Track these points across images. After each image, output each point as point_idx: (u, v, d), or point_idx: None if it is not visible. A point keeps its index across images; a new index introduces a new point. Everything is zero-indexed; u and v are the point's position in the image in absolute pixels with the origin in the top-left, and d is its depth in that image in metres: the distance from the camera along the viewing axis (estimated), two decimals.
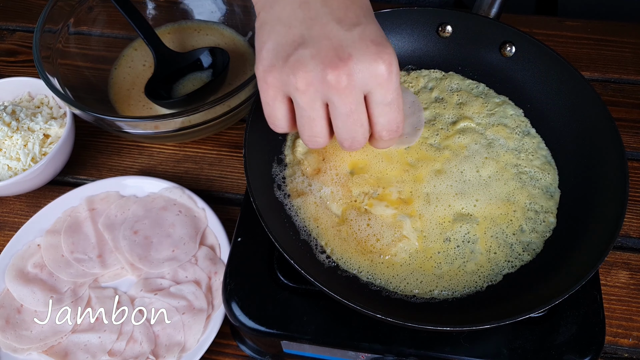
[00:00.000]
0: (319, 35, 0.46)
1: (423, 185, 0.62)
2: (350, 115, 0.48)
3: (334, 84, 0.45)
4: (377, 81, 0.46)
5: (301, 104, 0.48)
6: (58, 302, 0.69)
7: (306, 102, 0.47)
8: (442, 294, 0.57)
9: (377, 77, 0.46)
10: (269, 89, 0.49)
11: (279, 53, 0.47)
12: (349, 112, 0.47)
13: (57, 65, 0.81)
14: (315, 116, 0.48)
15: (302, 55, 0.46)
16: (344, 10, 0.47)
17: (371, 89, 0.47)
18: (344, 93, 0.46)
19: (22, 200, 0.82)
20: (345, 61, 0.45)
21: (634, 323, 0.69)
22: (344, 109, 0.47)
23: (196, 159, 0.85)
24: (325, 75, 0.45)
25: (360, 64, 0.45)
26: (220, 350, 0.69)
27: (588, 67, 0.93)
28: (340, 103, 0.47)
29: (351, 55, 0.45)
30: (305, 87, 0.46)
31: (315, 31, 0.46)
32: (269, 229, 0.53)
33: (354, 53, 0.45)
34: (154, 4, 0.94)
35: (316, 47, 0.46)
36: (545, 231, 0.61)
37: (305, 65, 0.46)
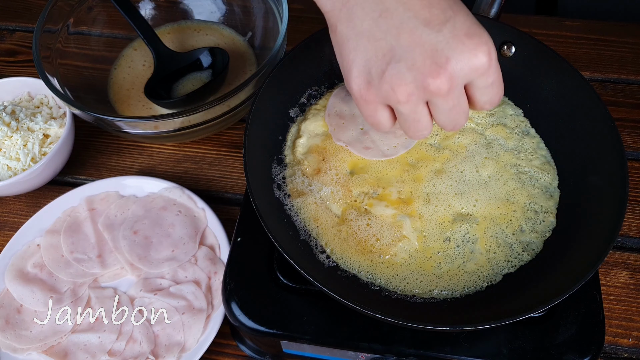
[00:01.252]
0: (409, 44, 0.44)
1: (423, 185, 0.62)
2: (453, 109, 0.47)
3: (436, 91, 0.45)
4: (478, 72, 0.45)
5: (404, 112, 0.48)
6: (58, 302, 0.69)
7: (409, 110, 0.47)
8: (441, 294, 0.57)
9: (478, 69, 0.45)
10: (369, 105, 0.49)
11: (372, 70, 0.46)
12: (452, 107, 0.47)
13: (57, 65, 0.81)
14: (420, 117, 0.48)
15: (398, 69, 0.45)
16: (428, 9, 0.44)
17: (472, 80, 0.46)
18: (447, 95, 0.46)
19: (22, 200, 0.82)
20: (444, 66, 0.44)
21: (633, 323, 0.69)
22: (447, 106, 0.47)
23: (196, 159, 0.85)
24: (427, 85, 0.44)
25: (459, 64, 0.44)
26: (220, 350, 0.69)
27: (588, 67, 0.93)
28: (442, 103, 0.46)
29: (449, 58, 0.44)
30: (406, 99, 0.46)
31: (404, 40, 0.44)
32: (268, 229, 0.53)
33: (451, 54, 0.44)
34: (153, 4, 0.94)
35: (410, 57, 0.44)
36: (545, 231, 0.61)
37: (404, 79, 0.45)
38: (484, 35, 0.45)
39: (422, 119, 0.48)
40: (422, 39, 0.44)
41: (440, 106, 0.47)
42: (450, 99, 0.46)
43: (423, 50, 0.44)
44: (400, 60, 0.45)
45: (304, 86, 0.70)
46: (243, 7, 0.93)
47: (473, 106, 0.49)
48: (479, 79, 0.46)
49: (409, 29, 0.44)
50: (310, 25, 0.89)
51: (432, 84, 0.44)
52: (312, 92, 0.71)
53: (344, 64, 0.48)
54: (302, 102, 0.70)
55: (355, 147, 0.65)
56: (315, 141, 0.66)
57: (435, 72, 0.44)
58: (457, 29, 0.44)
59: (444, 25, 0.44)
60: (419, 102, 0.47)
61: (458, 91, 0.46)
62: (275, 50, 0.75)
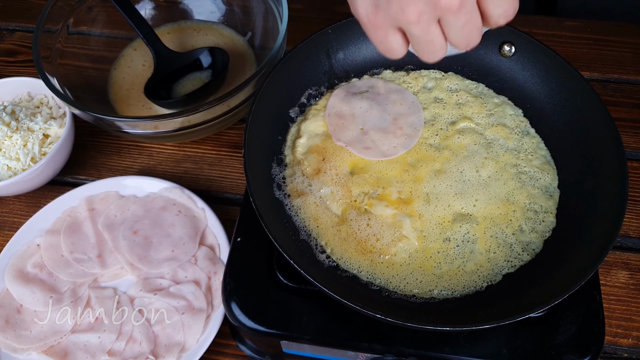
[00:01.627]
0: None
1: (423, 185, 0.62)
2: (466, 24, 0.46)
3: (447, 6, 0.44)
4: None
5: (416, 33, 0.46)
6: (58, 302, 0.69)
7: (421, 30, 0.46)
8: (441, 294, 0.57)
9: None
10: (379, 30, 0.47)
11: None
12: (465, 23, 0.46)
13: (57, 65, 0.81)
14: (433, 37, 0.47)
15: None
16: None
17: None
18: (458, 11, 0.44)
19: (22, 200, 0.82)
20: None
21: (633, 323, 0.69)
22: (460, 23, 0.45)
23: (196, 159, 0.85)
24: (437, 2, 0.43)
25: None
26: (220, 350, 0.69)
27: (588, 67, 0.93)
28: (455, 20, 0.45)
29: None
30: (417, 18, 0.45)
31: None
32: (268, 229, 0.53)
33: None
34: (153, 4, 0.94)
35: None
36: (545, 231, 0.61)
37: None
38: None
39: (436, 40, 0.47)
40: None
41: (453, 23, 0.46)
42: (463, 14, 0.45)
43: None
44: None
45: (304, 86, 0.70)
46: (243, 7, 0.93)
47: (487, 22, 0.48)
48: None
49: None
50: (310, 25, 0.89)
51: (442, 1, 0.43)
52: (312, 92, 0.71)
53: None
54: (302, 102, 0.70)
55: (355, 147, 0.65)
56: (315, 141, 0.66)
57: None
58: None
59: None
60: (430, 22, 0.46)
61: (470, 6, 0.45)
62: (275, 50, 0.75)
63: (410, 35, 0.47)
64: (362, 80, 0.72)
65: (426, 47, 0.48)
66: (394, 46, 0.49)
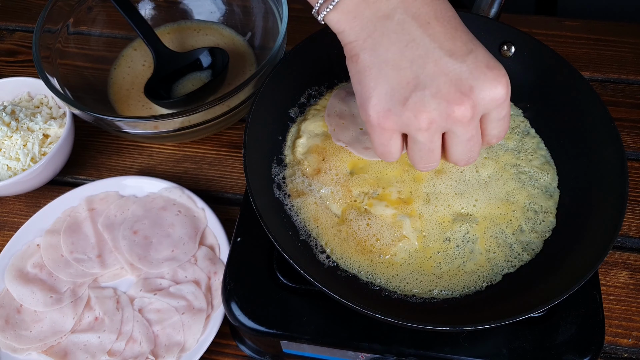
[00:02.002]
0: (434, 73, 0.46)
1: (423, 185, 0.62)
2: (471, 139, 0.49)
3: (460, 118, 0.46)
4: (496, 103, 0.47)
5: (421, 140, 0.48)
6: (57, 302, 0.69)
7: (427, 138, 0.48)
8: (441, 294, 0.57)
9: (497, 100, 0.47)
10: (385, 133, 0.49)
11: (394, 97, 0.47)
12: (470, 138, 0.48)
13: (57, 65, 0.81)
14: (434, 147, 0.49)
15: (422, 96, 0.46)
16: (452, 42, 0.46)
17: (489, 111, 0.48)
18: (469, 123, 0.47)
19: (22, 200, 0.82)
20: (468, 94, 0.45)
21: (633, 323, 0.69)
22: (466, 137, 0.48)
23: (196, 159, 0.85)
24: (451, 112, 0.46)
25: (482, 93, 0.46)
26: (220, 350, 0.69)
27: (588, 67, 0.93)
28: (462, 132, 0.48)
29: (472, 87, 0.45)
30: (427, 126, 0.47)
31: (429, 69, 0.46)
32: (268, 229, 0.53)
33: (474, 84, 0.45)
34: (153, 4, 0.94)
35: (435, 85, 0.45)
36: (545, 231, 0.61)
37: (427, 106, 0.46)
38: (502, 68, 0.47)
39: (436, 151, 0.50)
40: (447, 68, 0.45)
41: (460, 135, 0.48)
42: (471, 128, 0.47)
43: (448, 79, 0.45)
44: (425, 88, 0.46)
45: (304, 86, 0.70)
46: (243, 7, 0.93)
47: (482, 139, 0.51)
48: (495, 111, 0.48)
49: (434, 59, 0.46)
50: (310, 25, 0.89)
51: (456, 111, 0.46)
52: (312, 92, 0.71)
53: (363, 91, 0.49)
54: (302, 102, 0.70)
55: (355, 148, 0.65)
56: (315, 141, 0.66)
57: (459, 99, 0.45)
58: (479, 60, 0.46)
59: (467, 57, 0.46)
60: (437, 131, 0.48)
61: (477, 121, 0.48)
62: (275, 50, 0.75)
63: (413, 142, 0.49)
64: None
65: (426, 155, 0.50)
66: (392, 151, 0.51)
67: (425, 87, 0.46)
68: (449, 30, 0.46)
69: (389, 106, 0.47)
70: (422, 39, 0.46)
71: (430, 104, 0.46)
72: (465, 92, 0.45)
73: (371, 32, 0.47)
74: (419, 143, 0.49)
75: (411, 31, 0.46)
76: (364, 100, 0.49)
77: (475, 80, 0.45)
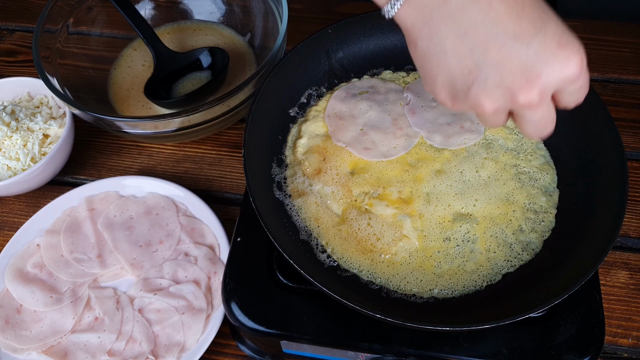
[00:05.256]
0: (497, 61, 0.43)
1: (423, 185, 0.62)
2: (542, 119, 0.46)
3: (526, 104, 0.44)
4: (570, 80, 0.44)
5: (486, 120, 0.48)
6: (57, 302, 0.69)
7: (492, 120, 0.47)
8: (441, 293, 0.57)
9: (570, 77, 0.43)
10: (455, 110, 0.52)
11: (457, 86, 0.45)
12: (540, 118, 0.46)
13: (57, 65, 0.81)
14: (502, 121, 0.48)
15: (485, 86, 0.44)
16: (517, 23, 0.42)
17: (563, 87, 0.45)
18: (536, 108, 0.45)
19: (22, 200, 0.82)
20: (535, 81, 0.43)
21: (633, 323, 0.69)
22: (536, 117, 0.46)
23: (195, 159, 0.85)
24: (516, 100, 0.44)
25: (551, 76, 0.43)
26: (220, 350, 0.68)
27: (588, 66, 0.93)
28: (531, 114, 0.46)
29: (540, 73, 0.42)
30: (492, 112, 0.45)
31: (492, 56, 0.43)
32: (268, 229, 0.53)
33: (542, 69, 0.42)
34: (153, 4, 0.94)
35: (498, 74, 0.43)
36: (545, 231, 0.61)
37: (491, 95, 0.44)
38: (575, 43, 0.43)
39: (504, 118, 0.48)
40: (512, 55, 0.42)
41: (529, 117, 0.46)
42: (540, 110, 0.45)
43: (512, 67, 0.43)
44: (488, 77, 0.43)
45: (304, 86, 0.70)
46: (243, 7, 0.93)
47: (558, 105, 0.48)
48: (569, 86, 0.45)
49: (497, 45, 0.42)
50: (310, 25, 0.89)
51: (522, 99, 0.43)
52: (312, 92, 0.71)
53: (427, 78, 0.47)
54: (302, 102, 0.70)
55: (355, 148, 0.65)
56: (315, 141, 0.66)
57: (525, 88, 0.43)
58: (548, 39, 0.42)
59: (535, 38, 0.42)
60: (503, 114, 0.47)
61: (548, 101, 0.45)
62: (275, 50, 0.75)
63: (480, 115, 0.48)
64: (362, 81, 0.72)
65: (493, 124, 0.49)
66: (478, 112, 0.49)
67: (487, 76, 0.43)
68: (514, 9, 0.42)
69: (454, 93, 0.46)
70: (483, 24, 0.42)
71: (494, 93, 0.44)
72: (531, 78, 0.42)
73: (427, 20, 0.44)
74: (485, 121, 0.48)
75: (471, 16, 0.42)
76: (430, 85, 0.48)
77: (543, 65, 0.42)
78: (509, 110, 0.46)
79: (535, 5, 0.43)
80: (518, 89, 0.43)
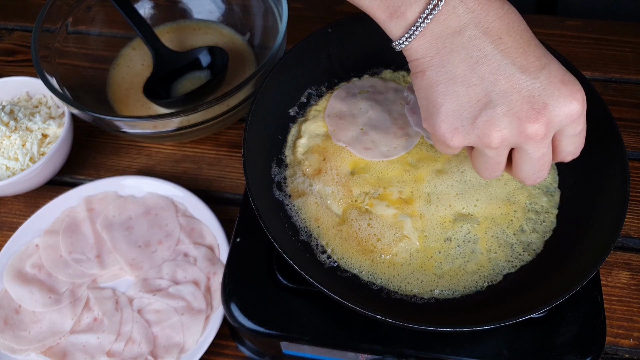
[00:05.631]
0: (506, 90, 0.44)
1: (424, 185, 0.62)
2: (542, 157, 0.47)
3: (533, 136, 0.45)
4: (571, 119, 0.45)
5: (489, 155, 0.48)
6: (56, 302, 0.69)
7: (495, 154, 0.47)
8: (442, 294, 0.57)
9: (572, 115, 0.45)
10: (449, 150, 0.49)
11: (463, 115, 0.46)
12: (541, 155, 0.47)
13: (56, 64, 0.81)
14: (501, 161, 0.48)
15: (493, 114, 0.45)
16: (524, 57, 0.45)
17: (564, 127, 0.46)
18: (541, 141, 0.45)
19: (21, 201, 0.82)
20: (542, 111, 0.44)
21: (634, 324, 0.69)
22: (537, 154, 0.47)
23: (195, 159, 0.85)
24: (524, 130, 0.44)
25: (556, 110, 0.44)
26: (219, 351, 0.68)
27: (589, 66, 0.93)
28: (534, 150, 0.46)
29: (546, 104, 0.44)
30: (498, 145, 0.46)
31: (500, 86, 0.44)
32: (268, 229, 0.53)
33: (548, 100, 0.44)
34: (152, 3, 0.94)
35: (507, 103, 0.44)
36: (546, 231, 0.60)
37: (498, 124, 0.45)
38: (577, 83, 0.45)
39: (502, 163, 0.49)
40: (520, 85, 0.44)
41: (531, 153, 0.47)
42: (543, 145, 0.46)
43: (520, 96, 0.44)
44: (497, 105, 0.44)
45: (304, 85, 0.70)
46: (242, 6, 0.93)
47: (555, 156, 0.50)
48: (570, 127, 0.46)
49: (506, 75, 0.44)
50: (309, 24, 0.89)
51: (529, 129, 0.44)
52: (312, 91, 0.70)
53: (430, 107, 0.47)
54: (302, 101, 0.70)
55: (355, 148, 0.64)
56: (315, 141, 0.66)
57: (533, 117, 0.44)
58: (552, 75, 0.45)
59: (541, 72, 0.44)
60: (507, 148, 0.47)
61: (549, 139, 0.46)
62: (274, 50, 0.75)
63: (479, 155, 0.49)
64: (362, 80, 0.72)
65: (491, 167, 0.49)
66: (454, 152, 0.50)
67: (496, 104, 0.44)
68: (522, 45, 0.45)
69: (457, 124, 0.46)
70: (493, 55, 0.44)
71: (501, 122, 0.45)
72: (538, 109, 0.44)
73: (439, 49, 0.45)
74: (486, 157, 0.48)
75: (482, 47, 0.44)
76: (431, 116, 0.48)
77: (549, 97, 0.44)
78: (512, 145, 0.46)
79: (539, 45, 0.46)
80: (526, 118, 0.44)
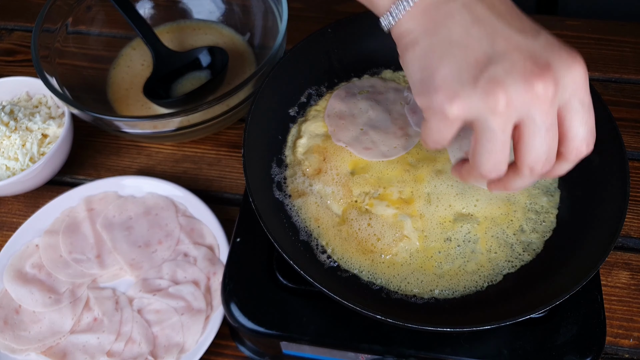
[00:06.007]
0: (506, 49, 0.41)
1: (424, 185, 0.62)
2: (550, 129, 0.42)
3: (542, 94, 0.40)
4: (577, 85, 0.42)
5: (494, 128, 0.42)
6: (56, 302, 0.69)
7: (500, 124, 0.41)
8: (442, 294, 0.57)
9: (578, 80, 0.42)
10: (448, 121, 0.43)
11: (462, 78, 0.42)
12: (550, 126, 0.42)
13: (56, 64, 0.81)
14: (506, 141, 0.43)
15: (495, 73, 0.41)
16: (520, 22, 0.43)
17: (570, 96, 0.42)
18: (550, 104, 0.41)
19: (21, 201, 0.82)
20: (547, 68, 0.40)
21: (634, 324, 0.69)
22: (546, 123, 0.42)
23: (195, 159, 0.85)
24: (531, 87, 0.40)
25: (561, 70, 0.41)
26: (219, 351, 0.68)
27: (589, 66, 0.91)
28: (543, 117, 0.41)
29: (549, 62, 0.41)
30: (504, 108, 0.41)
31: (500, 46, 0.41)
32: (268, 229, 0.53)
33: (551, 59, 0.41)
34: (152, 3, 0.94)
35: (508, 61, 0.41)
36: (546, 231, 0.60)
37: (502, 83, 0.40)
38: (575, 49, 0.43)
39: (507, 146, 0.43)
40: (520, 44, 0.41)
41: (538, 122, 0.41)
42: (551, 112, 0.42)
43: (521, 53, 0.41)
44: (498, 63, 0.41)
45: (304, 85, 0.70)
46: (242, 6, 0.93)
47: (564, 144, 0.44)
48: (577, 95, 0.42)
49: (504, 36, 0.42)
50: (310, 24, 0.89)
51: (537, 86, 0.40)
52: (311, 91, 0.70)
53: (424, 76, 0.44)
54: (302, 101, 0.70)
55: (355, 148, 0.64)
56: (315, 141, 0.66)
57: (539, 74, 0.40)
58: (550, 41, 0.42)
59: (539, 35, 0.42)
60: (512, 117, 0.42)
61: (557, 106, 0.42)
62: (274, 50, 0.75)
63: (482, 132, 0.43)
64: (362, 80, 0.72)
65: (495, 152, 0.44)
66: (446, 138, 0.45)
67: (497, 62, 0.41)
68: (515, 12, 0.44)
69: (456, 89, 0.42)
70: (488, 18, 0.43)
71: (505, 81, 0.40)
72: (542, 65, 0.40)
73: (433, 16, 0.44)
74: (490, 132, 0.42)
75: (477, 11, 0.43)
76: (426, 85, 0.44)
77: (551, 56, 0.41)
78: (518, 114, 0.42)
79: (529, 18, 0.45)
80: (531, 74, 0.40)
